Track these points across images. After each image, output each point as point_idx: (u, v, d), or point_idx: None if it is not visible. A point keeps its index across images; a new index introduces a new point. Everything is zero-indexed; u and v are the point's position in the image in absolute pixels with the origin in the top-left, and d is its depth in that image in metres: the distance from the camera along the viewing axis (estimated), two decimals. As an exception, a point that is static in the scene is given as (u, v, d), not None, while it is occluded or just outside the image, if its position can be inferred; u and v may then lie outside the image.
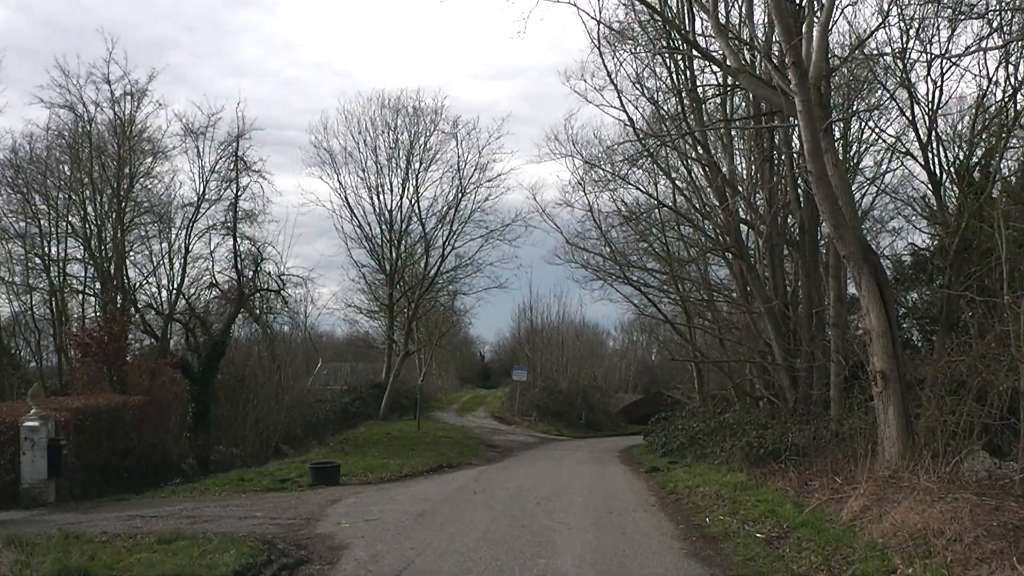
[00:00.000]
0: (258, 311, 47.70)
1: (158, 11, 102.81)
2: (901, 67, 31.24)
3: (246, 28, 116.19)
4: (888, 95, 31.99)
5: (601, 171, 33.53)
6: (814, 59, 20.82)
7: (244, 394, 43.81)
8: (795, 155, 31.30)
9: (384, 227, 48.30)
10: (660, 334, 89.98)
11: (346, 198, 48.01)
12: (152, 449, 32.75)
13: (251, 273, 40.67)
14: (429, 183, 47.96)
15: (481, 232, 47.14)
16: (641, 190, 34.33)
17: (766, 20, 27.87)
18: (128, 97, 35.80)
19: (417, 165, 47.30)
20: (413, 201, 47.91)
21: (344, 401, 47.44)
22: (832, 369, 26.22)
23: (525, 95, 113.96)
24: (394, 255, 48.47)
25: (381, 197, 48.15)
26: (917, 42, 30.32)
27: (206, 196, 37.73)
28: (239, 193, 39.05)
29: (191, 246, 38.42)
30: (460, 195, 46.58)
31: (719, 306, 39.31)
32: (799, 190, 30.98)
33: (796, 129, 30.06)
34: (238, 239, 39.20)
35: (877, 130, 32.81)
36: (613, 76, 31.26)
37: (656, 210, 35.44)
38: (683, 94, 31.40)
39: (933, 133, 31.83)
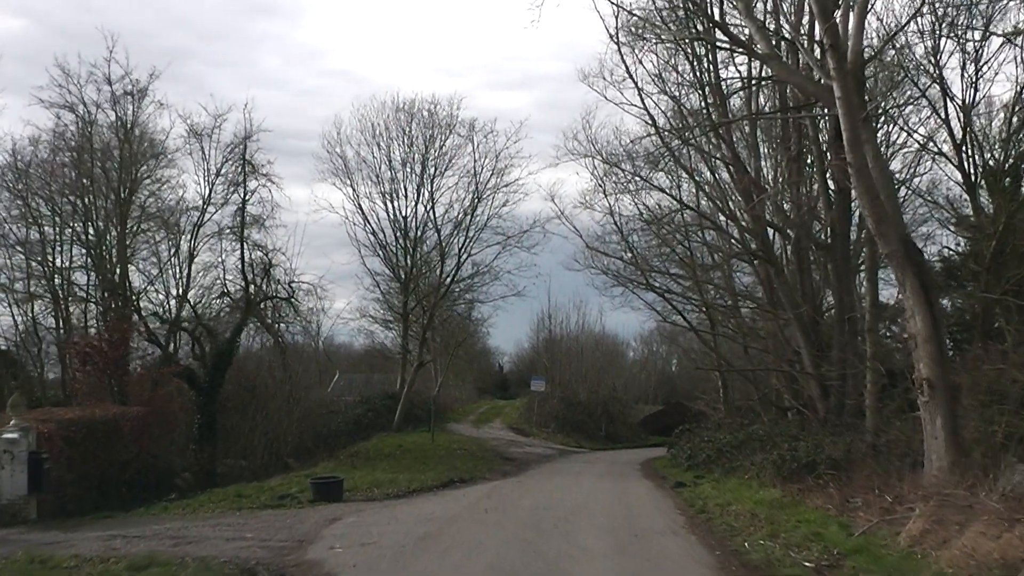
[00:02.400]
0: (269, 320, 46.36)
1: (175, 20, 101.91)
2: (933, 63, 29.71)
3: (265, 37, 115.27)
4: (920, 92, 30.40)
5: (622, 172, 31.83)
6: (851, 42, 19.29)
7: (254, 405, 42.50)
8: (825, 152, 29.69)
9: (399, 234, 46.66)
10: (680, 344, 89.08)
11: (359, 204, 46.44)
12: (154, 461, 31.44)
13: (260, 280, 39.10)
14: (444, 189, 46.36)
15: (498, 239, 45.43)
16: (664, 191, 32.56)
17: (796, 6, 26.15)
18: (129, 97, 34.23)
19: (432, 170, 45.69)
20: (428, 207, 46.30)
21: (356, 412, 45.79)
22: (868, 377, 24.35)
23: (541, 104, 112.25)
24: (409, 263, 46.72)
25: (395, 203, 46.58)
26: (951, 40, 28.98)
27: (212, 200, 36.12)
28: (247, 197, 37.55)
29: (196, 251, 36.66)
30: (476, 200, 44.92)
31: (744, 313, 37.42)
32: (829, 191, 29.33)
33: (827, 123, 28.88)
34: (246, 245, 37.51)
35: (908, 129, 30.95)
36: (633, 73, 29.66)
37: (679, 213, 33.59)
38: (706, 89, 29.62)
39: (967, 133, 30.26)
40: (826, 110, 22.15)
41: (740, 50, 24.76)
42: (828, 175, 29.49)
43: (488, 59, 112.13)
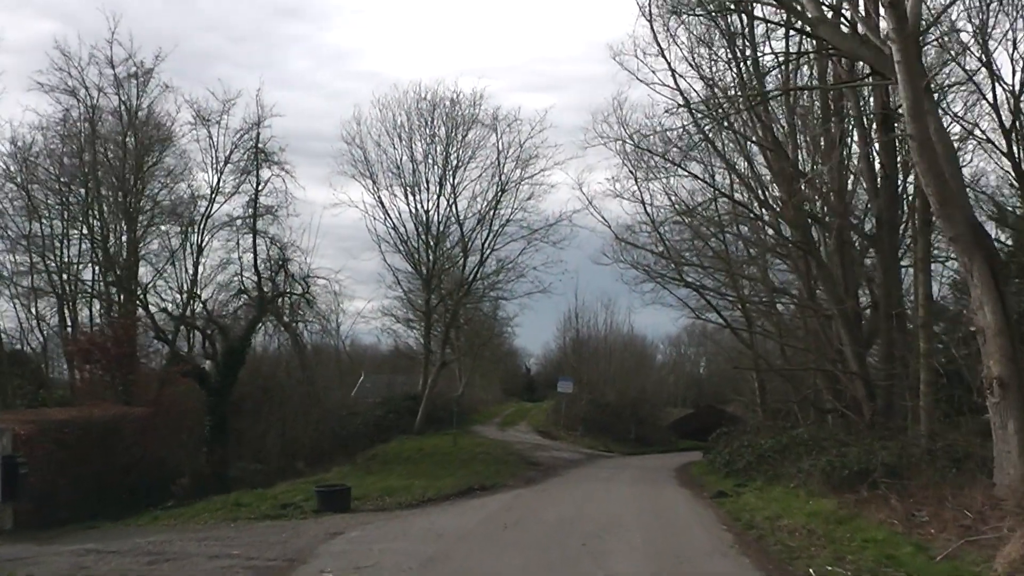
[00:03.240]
0: (287, 318, 44.65)
1: (207, 23, 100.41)
2: (981, 44, 27.63)
3: (295, 40, 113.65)
4: (967, 76, 28.24)
5: (653, 157, 29.58)
6: (910, 1, 17.14)
7: (269, 406, 40.90)
8: (870, 135, 27.62)
9: (420, 229, 44.59)
10: (714, 342, 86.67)
11: (380, 198, 44.39)
12: (161, 464, 29.84)
13: (274, 275, 37.26)
14: (467, 182, 44.24)
15: (523, 233, 43.25)
16: (698, 178, 30.28)
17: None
18: (132, 80, 32.42)
19: (455, 162, 43.60)
20: (451, 201, 44.23)
21: (377, 414, 43.79)
22: (921, 376, 22.16)
23: (571, 107, 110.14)
24: (431, 258, 44.67)
25: (417, 197, 44.50)
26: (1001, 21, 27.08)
27: (221, 189, 34.24)
28: (259, 188, 35.65)
29: (205, 244, 34.80)
30: (500, 193, 42.79)
31: (780, 310, 35.14)
32: (876, 177, 27.17)
33: (871, 106, 26.78)
34: (259, 238, 35.66)
35: (952, 115, 28.76)
36: (665, 51, 27.41)
37: (713, 202, 31.36)
38: (742, 67, 27.44)
39: (1018, 119, 28.26)
40: (877, 79, 19.89)
41: (782, 12, 22.52)
42: (873, 159, 27.42)
43: (518, 60, 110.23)
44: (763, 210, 30.26)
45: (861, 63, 22.31)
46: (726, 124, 29.15)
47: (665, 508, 19.56)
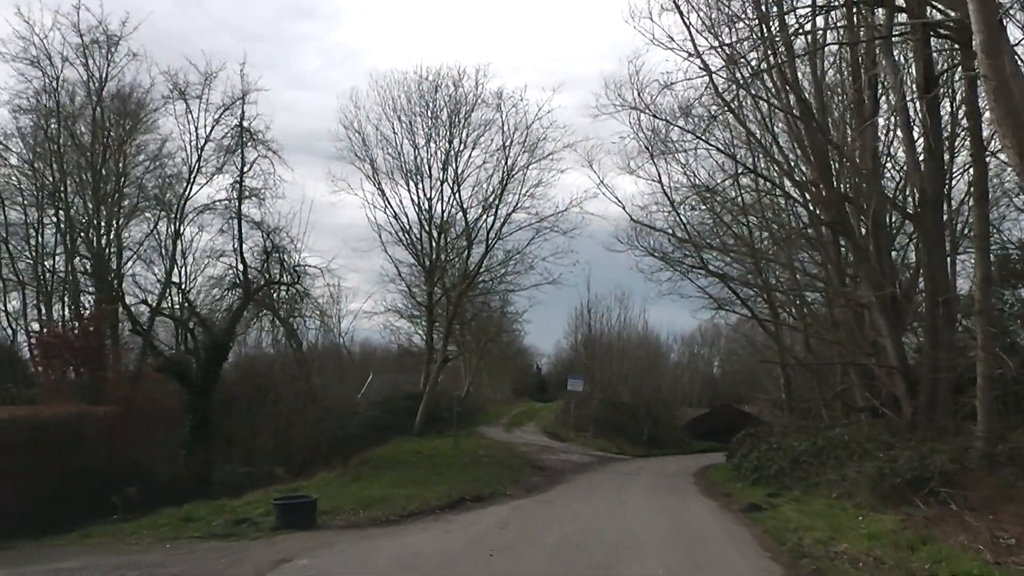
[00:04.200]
0: (281, 312, 41.69)
1: (217, 22, 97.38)
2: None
3: (307, 39, 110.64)
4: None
5: (672, 127, 26.16)
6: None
7: (262, 405, 38.04)
8: (915, 102, 24.40)
9: (422, 217, 41.32)
10: (724, 345, 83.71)
11: (379, 184, 41.08)
12: (134, 468, 26.73)
13: (262, 264, 34.11)
14: (472, 168, 40.91)
15: (531, 221, 39.90)
16: (720, 150, 26.85)
17: None
18: (97, 46, 29.21)
19: (458, 144, 40.30)
20: (454, 188, 40.93)
21: (374, 415, 40.52)
22: (979, 370, 18.92)
23: (587, 105, 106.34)
24: (433, 249, 41.39)
25: (419, 183, 41.23)
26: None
27: (202, 170, 30.98)
28: (244, 169, 32.42)
29: (183, 229, 31.63)
30: (507, 178, 39.44)
31: (809, 299, 31.72)
32: (916, 151, 23.94)
33: (913, 69, 23.59)
34: (245, 224, 32.50)
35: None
36: (684, 13, 24.01)
37: (735, 181, 28.00)
38: (766, 25, 24.05)
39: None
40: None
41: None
42: (916, 127, 24.07)
43: (532, 59, 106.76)
44: (792, 187, 26.86)
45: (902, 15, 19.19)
46: (751, 92, 25.86)
47: (690, 526, 16.23)
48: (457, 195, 40.81)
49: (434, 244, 41.53)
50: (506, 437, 41.05)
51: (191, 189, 31.25)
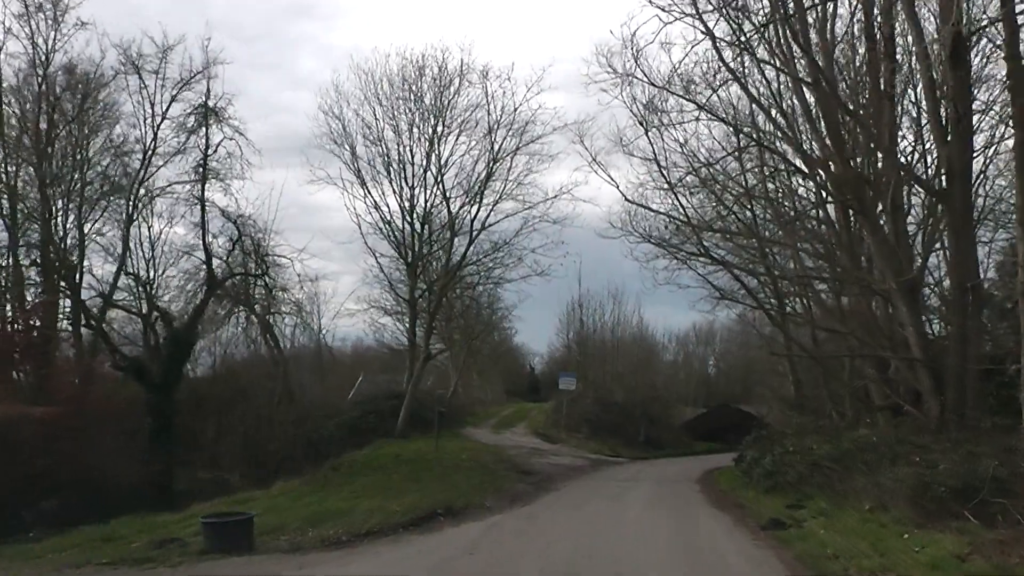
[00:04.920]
0: (257, 307, 38.96)
1: (216, 22, 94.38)
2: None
3: (304, 39, 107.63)
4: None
5: (672, 97, 23.12)
6: None
7: (236, 407, 35.45)
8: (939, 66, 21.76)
9: (404, 207, 38.21)
10: (719, 345, 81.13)
11: (359, 172, 37.93)
12: (83, 475, 23.92)
13: (228, 253, 31.31)
14: (456, 156, 37.83)
15: (519, 208, 36.82)
16: (725, 121, 23.87)
17: None
18: (41, 14, 26.27)
19: (442, 129, 37.22)
20: (438, 177, 37.86)
21: (354, 416, 37.55)
22: (1025, 361, 16.05)
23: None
24: (415, 240, 38.30)
25: (403, 172, 38.12)
26: None
27: (157, 149, 28.05)
28: (208, 151, 29.59)
29: (140, 214, 28.73)
30: (493, 163, 36.36)
31: (816, 287, 28.79)
32: (941, 121, 21.23)
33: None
34: (209, 210, 29.71)
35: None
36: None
37: (738, 156, 25.12)
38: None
39: None
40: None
41: None
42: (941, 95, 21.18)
43: (526, 60, 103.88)
44: (802, 162, 23.97)
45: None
46: (757, 58, 23.06)
47: (705, 551, 13.18)
48: (440, 184, 37.83)
49: (416, 236, 38.47)
50: (494, 439, 38.03)
51: (146, 171, 28.26)
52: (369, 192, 38.13)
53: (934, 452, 16.17)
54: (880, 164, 23.77)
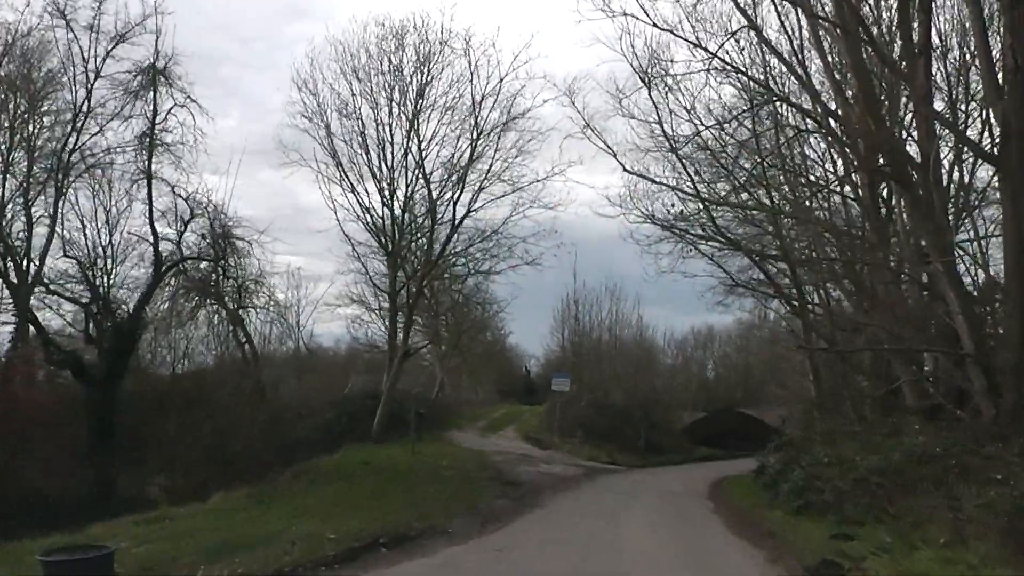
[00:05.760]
0: (229, 301, 35.30)
1: (212, 23, 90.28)
2: None
3: (301, 39, 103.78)
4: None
5: (680, 40, 19.19)
6: None
7: (199, 407, 31.66)
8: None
9: (384, 191, 34.30)
10: (718, 348, 77.22)
11: (335, 153, 34.00)
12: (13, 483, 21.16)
13: (180, 234, 27.48)
14: (440, 135, 33.96)
15: (507, 190, 32.97)
16: (738, 69, 19.83)
17: None
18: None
19: (422, 103, 33.35)
20: (419, 160, 33.99)
21: (328, 417, 33.64)
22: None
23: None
24: (395, 228, 34.36)
25: (382, 152, 34.25)
26: None
27: (92, 110, 24.17)
28: (156, 121, 25.74)
29: (68, 185, 24.82)
30: (477, 138, 32.49)
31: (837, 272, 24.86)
32: (995, 74, 17.44)
33: None
34: (157, 186, 25.88)
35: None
36: None
37: (752, 115, 21.22)
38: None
39: None
40: None
41: None
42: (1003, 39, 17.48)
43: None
44: (827, 123, 20.06)
45: None
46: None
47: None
48: (421, 167, 33.95)
49: (397, 223, 34.54)
50: (480, 444, 34.07)
51: (78, 137, 24.33)
52: (345, 175, 34.28)
53: (1015, 467, 12.34)
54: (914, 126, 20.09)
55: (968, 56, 21.01)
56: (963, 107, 21.82)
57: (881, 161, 19.58)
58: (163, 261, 26.63)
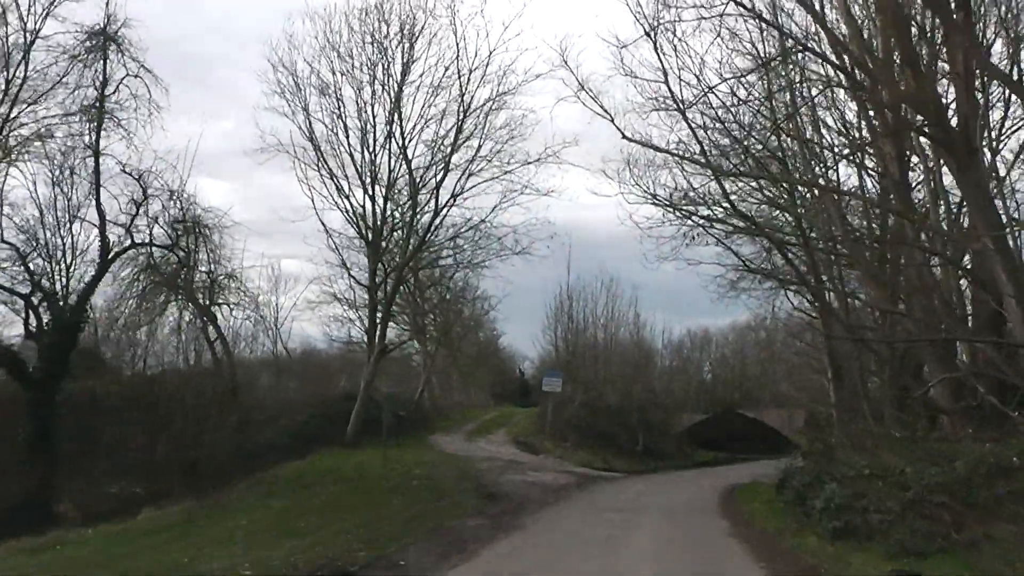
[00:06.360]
0: (202, 297, 32.52)
1: (209, 25, 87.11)
2: None
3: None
4: None
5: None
6: None
7: (161, 410, 29.01)
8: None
9: (365, 175, 31.12)
10: (715, 350, 74.28)
11: (311, 131, 30.83)
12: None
13: (131, 219, 24.43)
14: (424, 119, 30.83)
15: (495, 173, 29.86)
16: (760, 17, 16.53)
17: None
18: None
19: (403, 77, 30.24)
20: (402, 144, 30.87)
21: (298, 420, 30.45)
22: None
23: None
24: (375, 216, 31.22)
25: (364, 137, 31.11)
26: None
27: (27, 80, 21.10)
28: (105, 91, 22.76)
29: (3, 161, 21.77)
30: (464, 115, 29.37)
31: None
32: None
33: None
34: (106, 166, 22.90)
35: None
36: None
37: (766, 73, 18.03)
38: None
39: None
40: None
41: None
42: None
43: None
44: (859, 73, 16.81)
45: None
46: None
47: None
48: (404, 151, 30.80)
49: (379, 211, 31.39)
50: (465, 448, 30.80)
51: (12, 107, 21.19)
52: (324, 160, 31.14)
53: None
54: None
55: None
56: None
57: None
58: (110, 247, 23.51)
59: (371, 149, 31.22)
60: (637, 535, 14.31)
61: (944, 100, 17.16)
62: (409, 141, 30.95)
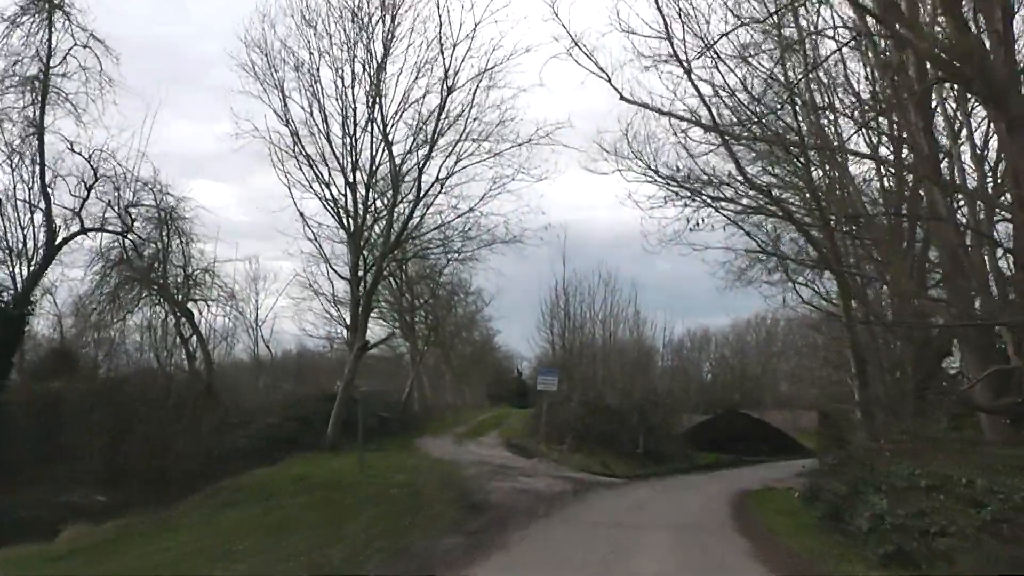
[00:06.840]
0: (177, 293, 30.49)
1: (204, 29, 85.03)
2: None
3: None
4: None
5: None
6: None
7: (129, 412, 27.03)
8: None
9: (345, 161, 28.77)
10: (714, 350, 72.45)
11: (289, 121, 28.50)
12: None
13: (81, 202, 22.16)
14: (407, 100, 28.50)
15: (483, 157, 27.58)
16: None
17: None
18: None
19: (387, 56, 27.87)
20: (385, 129, 28.48)
21: (271, 423, 28.04)
22: None
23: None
24: (356, 204, 28.79)
25: (344, 121, 28.80)
26: None
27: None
28: (51, 60, 20.50)
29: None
30: (448, 92, 27.04)
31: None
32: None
33: None
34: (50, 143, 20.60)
35: None
36: None
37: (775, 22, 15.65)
38: None
39: None
40: None
41: None
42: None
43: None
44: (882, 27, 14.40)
45: None
46: None
47: None
48: (383, 131, 28.41)
49: (360, 199, 28.99)
50: (453, 452, 28.35)
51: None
52: (302, 145, 28.79)
53: None
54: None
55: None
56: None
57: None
58: (56, 232, 21.10)
59: (351, 133, 28.95)
60: (640, 560, 11.70)
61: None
62: (392, 125, 28.78)
